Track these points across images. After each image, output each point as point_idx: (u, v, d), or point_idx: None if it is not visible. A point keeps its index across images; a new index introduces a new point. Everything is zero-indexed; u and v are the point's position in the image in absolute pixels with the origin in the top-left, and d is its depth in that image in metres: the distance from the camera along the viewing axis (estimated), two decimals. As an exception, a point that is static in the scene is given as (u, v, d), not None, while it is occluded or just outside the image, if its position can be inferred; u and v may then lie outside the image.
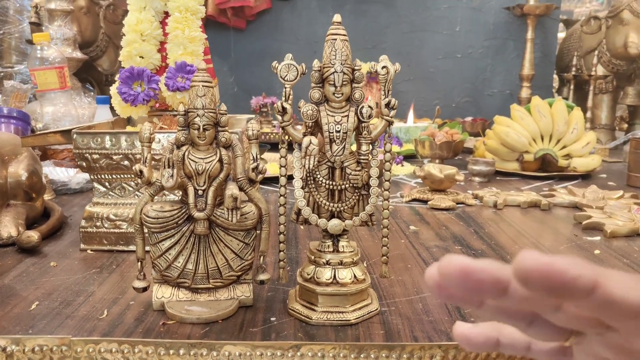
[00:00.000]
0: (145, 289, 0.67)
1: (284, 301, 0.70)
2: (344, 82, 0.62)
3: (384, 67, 0.63)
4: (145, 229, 0.66)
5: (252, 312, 0.68)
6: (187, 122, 0.64)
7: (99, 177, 0.92)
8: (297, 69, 0.63)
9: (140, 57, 0.95)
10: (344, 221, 0.66)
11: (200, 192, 0.64)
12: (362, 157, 0.64)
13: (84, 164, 0.90)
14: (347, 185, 0.65)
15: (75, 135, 0.89)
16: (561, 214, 1.20)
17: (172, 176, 0.62)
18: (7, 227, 0.93)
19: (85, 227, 0.91)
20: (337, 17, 0.63)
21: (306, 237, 0.99)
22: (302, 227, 1.04)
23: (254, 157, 0.65)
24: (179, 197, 0.68)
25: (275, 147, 1.82)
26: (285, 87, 0.63)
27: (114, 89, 0.96)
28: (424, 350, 0.59)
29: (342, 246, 0.67)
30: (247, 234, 0.67)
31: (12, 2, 2.09)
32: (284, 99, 0.63)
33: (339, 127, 0.63)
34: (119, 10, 2.28)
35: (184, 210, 0.66)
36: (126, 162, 0.89)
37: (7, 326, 0.63)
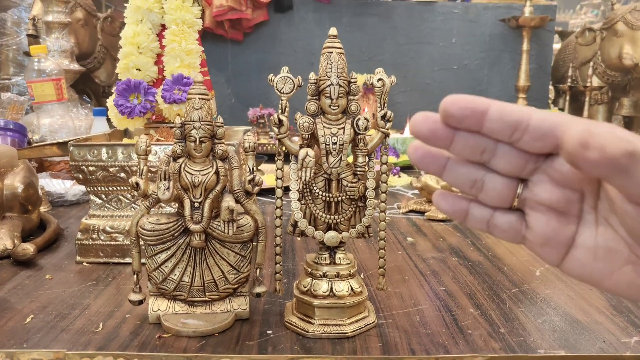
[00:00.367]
0: (141, 302, 0.67)
1: (281, 314, 0.70)
2: (340, 95, 0.62)
3: (380, 79, 0.63)
4: (141, 242, 0.66)
5: (249, 325, 0.67)
6: (184, 135, 0.64)
7: (96, 189, 0.92)
8: (293, 81, 0.63)
9: (137, 69, 0.96)
10: (341, 233, 0.66)
11: (196, 205, 0.64)
12: (359, 169, 0.65)
13: (81, 176, 0.90)
14: (344, 197, 0.65)
15: (71, 147, 0.89)
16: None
17: (168, 188, 0.62)
18: (2, 239, 0.93)
19: (81, 240, 0.91)
20: (333, 31, 0.64)
21: (303, 249, 0.98)
22: (298, 239, 1.04)
23: (250, 169, 0.65)
24: (175, 210, 0.68)
25: (272, 158, 1.82)
26: (281, 100, 0.63)
27: (110, 101, 0.96)
28: (421, 363, 0.59)
29: (339, 258, 0.67)
30: (243, 247, 0.67)
31: (10, 14, 2.10)
32: (280, 111, 0.64)
33: (335, 139, 0.63)
34: (116, 22, 2.29)
35: (180, 222, 0.65)
36: (123, 175, 0.89)
37: (2, 340, 0.62)
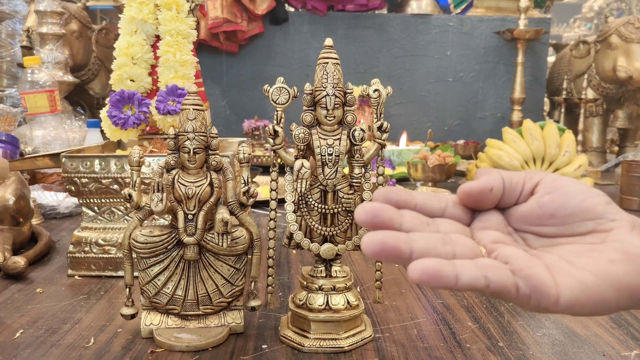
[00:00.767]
0: (133, 316, 0.66)
1: (276, 328, 0.69)
2: (336, 105, 0.62)
3: (376, 90, 0.63)
4: (134, 254, 0.65)
5: (243, 339, 0.66)
6: (178, 146, 0.63)
7: (88, 201, 0.90)
8: (288, 92, 0.62)
9: (130, 80, 0.95)
10: (337, 245, 0.65)
11: (190, 217, 0.63)
12: (355, 180, 0.64)
13: (73, 187, 0.89)
14: (340, 208, 0.64)
15: (64, 158, 0.88)
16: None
17: (161, 200, 0.61)
18: (-7, 252, 0.91)
19: (73, 253, 0.89)
20: (328, 41, 0.63)
21: (298, 262, 0.97)
22: (294, 251, 1.03)
23: (245, 180, 0.65)
24: (169, 222, 0.67)
25: (267, 170, 1.81)
26: (277, 110, 0.63)
27: (104, 112, 0.95)
28: (419, 378, 0.58)
29: (335, 271, 0.66)
30: (237, 259, 0.66)
31: (4, 25, 2.10)
32: (275, 122, 0.63)
33: (331, 150, 0.62)
34: (111, 34, 2.28)
35: (173, 235, 0.64)
36: (116, 186, 0.88)
37: (-10, 356, 0.61)
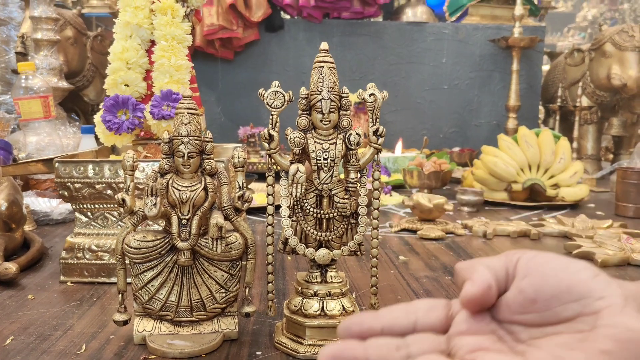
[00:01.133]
0: (126, 322, 0.65)
1: (270, 334, 0.68)
2: (332, 109, 0.61)
3: (372, 94, 0.63)
4: (127, 260, 0.64)
5: (237, 346, 0.65)
6: (172, 150, 0.63)
7: (81, 206, 0.89)
8: (283, 96, 0.62)
9: (125, 85, 0.94)
10: (332, 251, 0.64)
11: (184, 222, 0.63)
12: (351, 185, 0.63)
13: (66, 193, 0.88)
14: (335, 213, 0.63)
15: (57, 163, 0.87)
16: (551, 243, 1.19)
17: (155, 205, 0.61)
18: (-16, 258, 0.90)
19: (65, 259, 0.88)
20: (324, 45, 0.63)
21: (293, 268, 0.96)
22: (289, 257, 1.02)
23: (240, 185, 0.64)
24: (163, 227, 0.66)
25: (262, 177, 1.81)
26: (272, 115, 0.62)
27: (98, 117, 0.95)
28: (416, 385, 0.57)
29: (331, 277, 0.65)
30: (232, 265, 0.65)
31: (-1, 32, 2.09)
32: (270, 126, 0.62)
33: (326, 155, 0.62)
34: (106, 41, 2.28)
35: (167, 240, 0.64)
36: (109, 192, 0.87)
37: (-21, 363, 0.60)
